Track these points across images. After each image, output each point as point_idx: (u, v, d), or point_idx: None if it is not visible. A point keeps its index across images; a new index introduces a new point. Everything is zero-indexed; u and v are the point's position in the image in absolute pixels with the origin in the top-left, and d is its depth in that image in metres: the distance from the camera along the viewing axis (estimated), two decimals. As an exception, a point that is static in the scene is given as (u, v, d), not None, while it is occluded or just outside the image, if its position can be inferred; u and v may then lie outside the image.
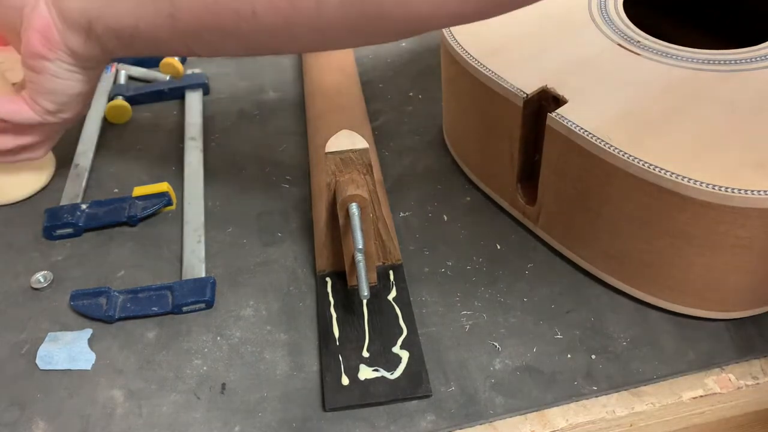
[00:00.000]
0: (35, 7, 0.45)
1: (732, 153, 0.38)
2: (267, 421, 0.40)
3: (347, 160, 0.41)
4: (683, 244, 0.39)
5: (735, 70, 0.43)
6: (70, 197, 0.55)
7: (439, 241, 0.50)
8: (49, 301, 0.48)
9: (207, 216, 0.53)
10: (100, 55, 0.46)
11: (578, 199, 0.44)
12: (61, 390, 0.43)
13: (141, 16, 0.42)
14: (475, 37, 0.48)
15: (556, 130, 0.42)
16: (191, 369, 0.43)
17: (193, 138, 0.60)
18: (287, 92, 0.66)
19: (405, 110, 0.62)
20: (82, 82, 0.48)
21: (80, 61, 0.46)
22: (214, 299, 0.47)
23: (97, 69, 0.49)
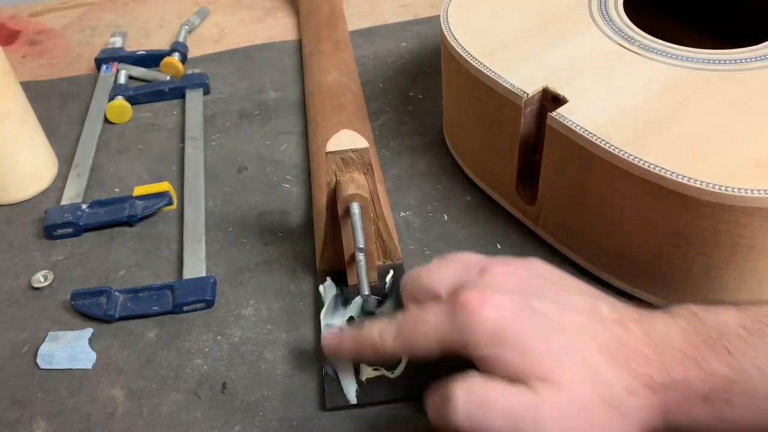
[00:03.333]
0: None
1: (732, 152, 0.38)
2: (267, 421, 0.40)
3: (348, 160, 0.41)
4: (683, 243, 0.39)
5: (735, 70, 0.43)
6: (71, 197, 0.55)
7: (439, 240, 0.50)
8: (49, 300, 0.48)
9: (207, 216, 0.53)
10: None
11: (578, 199, 0.44)
12: (61, 389, 0.43)
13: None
14: (475, 36, 0.48)
15: (557, 130, 0.42)
16: (192, 368, 0.43)
17: (193, 137, 0.60)
18: (287, 92, 0.66)
19: (405, 110, 0.62)
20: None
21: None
22: (215, 299, 0.47)
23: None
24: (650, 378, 0.32)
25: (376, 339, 0.37)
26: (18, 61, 0.74)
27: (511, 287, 0.35)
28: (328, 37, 0.67)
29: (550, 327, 0.33)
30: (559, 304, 0.34)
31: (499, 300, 0.34)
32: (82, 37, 0.77)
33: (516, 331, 0.33)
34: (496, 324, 0.33)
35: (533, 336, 0.33)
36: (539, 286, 0.36)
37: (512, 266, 0.37)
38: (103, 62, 0.70)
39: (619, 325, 0.33)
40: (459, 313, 0.34)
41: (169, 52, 0.70)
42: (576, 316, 0.34)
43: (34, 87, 0.68)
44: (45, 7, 0.83)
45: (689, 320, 0.33)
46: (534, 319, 0.34)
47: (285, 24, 0.76)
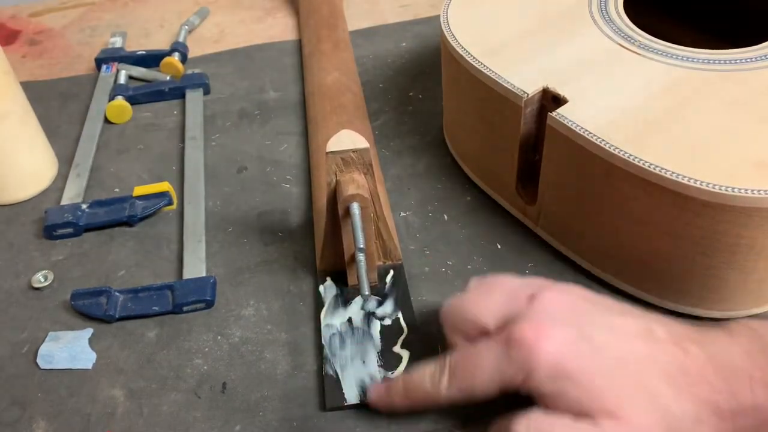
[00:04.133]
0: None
1: (732, 153, 0.38)
2: (267, 421, 0.40)
3: (348, 160, 0.41)
4: (683, 243, 0.39)
5: (735, 70, 0.43)
6: (71, 197, 0.55)
7: (439, 240, 0.50)
8: (49, 300, 0.48)
9: (207, 216, 0.53)
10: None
11: (578, 199, 0.44)
12: (61, 389, 0.43)
13: None
14: (475, 36, 0.48)
15: (557, 130, 0.42)
16: (192, 368, 0.43)
17: (193, 137, 0.60)
18: (287, 92, 0.66)
19: (405, 110, 0.62)
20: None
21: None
22: (215, 299, 0.47)
23: None
24: (717, 405, 0.31)
25: (428, 387, 0.36)
26: (18, 61, 0.74)
27: (563, 316, 0.34)
28: (328, 37, 0.67)
29: (609, 358, 0.32)
30: (616, 332, 0.33)
31: (556, 332, 0.33)
32: (82, 37, 0.77)
33: (576, 365, 0.32)
34: (555, 359, 0.32)
35: (594, 369, 0.32)
36: (589, 311, 0.35)
37: (560, 292, 0.36)
38: (103, 62, 0.70)
39: (679, 348, 0.33)
40: (515, 348, 0.33)
41: (169, 52, 0.70)
42: (634, 343, 0.33)
43: (34, 87, 0.68)
44: (45, 7, 0.83)
45: (750, 338, 0.32)
46: (592, 351, 0.33)
47: (285, 24, 0.76)
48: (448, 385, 0.35)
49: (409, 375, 0.37)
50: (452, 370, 0.35)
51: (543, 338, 0.33)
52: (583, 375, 0.32)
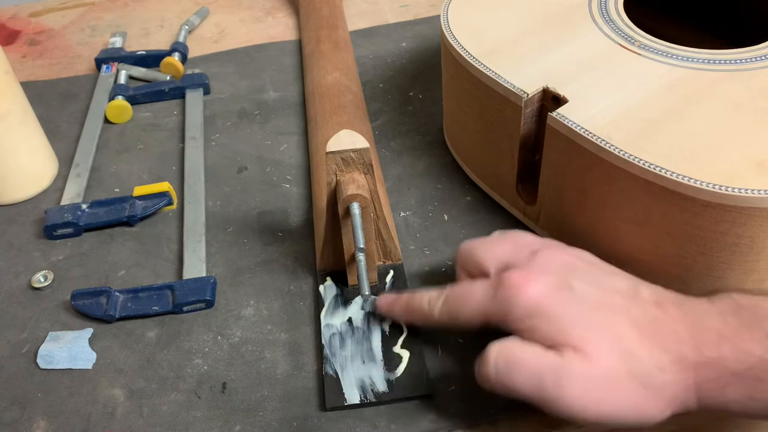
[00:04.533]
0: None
1: (732, 153, 0.38)
2: (267, 421, 0.40)
3: (348, 160, 0.41)
4: (683, 243, 0.39)
5: (735, 70, 0.43)
6: (71, 197, 0.55)
7: (439, 240, 0.50)
8: (49, 300, 0.48)
9: (207, 216, 0.53)
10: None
11: (578, 199, 0.44)
12: (61, 389, 0.43)
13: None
14: (475, 36, 0.48)
15: (557, 130, 0.42)
16: (192, 368, 0.43)
17: (193, 137, 0.60)
18: (287, 92, 0.66)
19: (405, 110, 0.62)
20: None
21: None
22: (215, 299, 0.47)
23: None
24: (682, 355, 0.33)
25: (425, 306, 0.40)
26: (18, 61, 0.74)
27: (555, 269, 0.37)
28: (328, 37, 0.67)
29: (585, 303, 0.35)
30: (600, 287, 0.36)
31: (541, 279, 0.36)
32: (82, 37, 0.77)
33: (552, 306, 0.35)
34: (534, 300, 0.35)
35: (567, 309, 0.35)
36: (585, 271, 0.38)
37: (563, 251, 0.39)
38: (103, 62, 0.70)
39: (657, 306, 0.35)
40: (501, 289, 0.36)
41: (169, 52, 0.70)
42: (614, 297, 0.36)
43: (34, 87, 0.68)
44: (45, 7, 0.83)
45: (728, 304, 0.34)
46: (571, 297, 0.36)
47: (285, 24, 0.76)
48: (440, 308, 0.39)
49: (412, 294, 0.41)
50: (447, 297, 0.39)
51: (528, 284, 0.36)
52: (555, 313, 0.35)
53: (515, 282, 0.36)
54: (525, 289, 0.36)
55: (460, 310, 0.38)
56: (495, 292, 0.37)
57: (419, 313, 0.41)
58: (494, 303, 0.37)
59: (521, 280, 0.36)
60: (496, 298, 0.36)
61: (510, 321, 0.36)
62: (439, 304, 0.39)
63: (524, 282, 0.36)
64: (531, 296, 0.35)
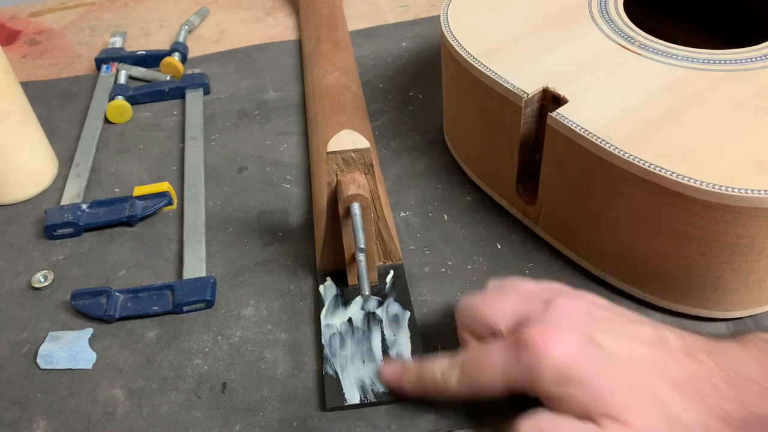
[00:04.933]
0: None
1: (732, 153, 0.38)
2: (267, 421, 0.40)
3: (348, 160, 0.41)
4: (683, 243, 0.39)
5: (735, 69, 0.43)
6: (71, 197, 0.55)
7: (439, 240, 0.50)
8: (49, 300, 0.48)
9: (207, 216, 0.53)
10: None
11: (578, 199, 0.44)
12: (61, 389, 0.43)
13: None
14: (475, 36, 0.48)
15: (557, 130, 0.42)
16: (192, 368, 0.43)
17: (193, 137, 0.60)
18: (287, 92, 0.66)
19: (405, 110, 0.62)
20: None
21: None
22: (215, 299, 0.47)
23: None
24: (726, 413, 0.31)
25: (438, 379, 0.37)
26: (18, 61, 0.74)
27: (575, 322, 0.34)
28: (328, 37, 0.67)
29: (617, 363, 0.33)
30: (626, 338, 0.33)
31: (565, 337, 0.33)
32: (82, 37, 0.77)
33: (583, 369, 0.32)
34: (562, 362, 0.32)
35: (601, 373, 0.32)
36: (604, 318, 0.35)
37: (576, 299, 0.36)
38: (103, 62, 0.70)
39: (689, 357, 0.32)
40: (524, 351, 0.33)
41: (169, 52, 0.70)
42: (644, 349, 0.33)
43: (34, 87, 0.68)
44: (45, 7, 0.83)
45: (763, 350, 0.32)
46: (601, 356, 0.33)
47: (285, 24, 0.76)
48: (458, 380, 0.36)
49: (422, 364, 0.38)
50: (463, 366, 0.36)
51: (552, 342, 0.33)
52: (588, 379, 0.32)
53: (537, 341, 0.33)
54: (550, 349, 0.33)
55: (481, 378, 0.35)
56: (517, 355, 0.33)
57: (432, 386, 0.37)
58: (519, 368, 0.33)
59: (543, 338, 0.33)
60: (520, 362, 0.33)
61: (538, 387, 0.33)
62: (455, 376, 0.36)
63: (546, 340, 0.33)
64: (558, 357, 0.32)
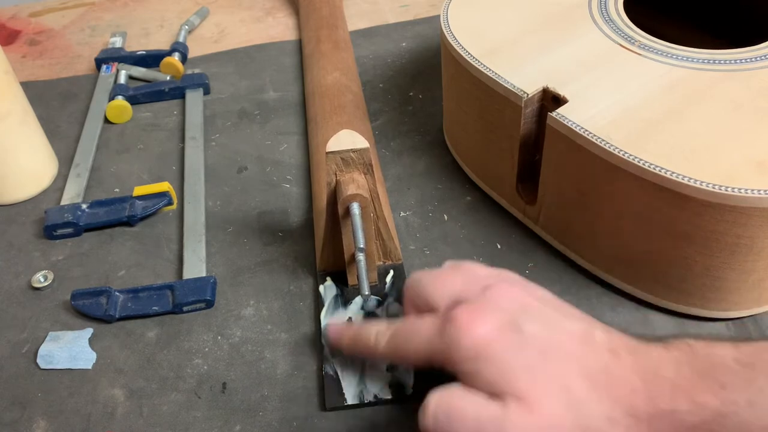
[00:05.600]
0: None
1: (732, 153, 0.38)
2: (267, 420, 0.40)
3: (348, 160, 0.41)
4: (683, 243, 0.39)
5: (735, 69, 0.43)
6: (71, 197, 0.55)
7: (439, 240, 0.50)
8: (49, 300, 0.48)
9: (207, 215, 0.53)
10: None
11: (578, 199, 0.44)
12: (61, 389, 0.43)
13: None
14: (475, 36, 0.48)
15: (557, 130, 0.42)
16: (192, 368, 0.43)
17: (193, 137, 0.60)
18: (287, 92, 0.66)
19: (405, 110, 0.62)
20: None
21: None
22: (215, 299, 0.47)
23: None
24: (634, 407, 0.31)
25: (371, 340, 0.38)
26: (18, 61, 0.74)
27: (505, 307, 0.34)
28: (328, 37, 0.67)
29: (534, 349, 0.33)
30: (551, 328, 0.34)
31: (488, 317, 0.34)
32: (82, 37, 0.77)
33: (498, 349, 0.33)
34: (480, 340, 0.33)
35: (514, 354, 0.33)
36: (538, 310, 0.35)
37: (517, 287, 0.36)
38: (103, 62, 0.70)
39: (611, 353, 0.33)
40: (448, 326, 0.34)
41: (169, 52, 0.70)
42: (566, 340, 0.33)
43: (34, 87, 0.68)
44: (45, 7, 0.83)
45: (684, 352, 0.32)
46: (519, 339, 0.33)
47: (285, 24, 0.76)
48: (386, 343, 0.37)
49: (360, 327, 0.39)
50: (394, 331, 0.37)
51: (475, 322, 0.33)
52: (501, 358, 0.33)
53: (462, 319, 0.34)
54: (472, 328, 0.33)
55: (406, 346, 0.36)
56: (441, 329, 0.34)
57: (365, 346, 0.38)
58: (440, 341, 0.34)
59: (469, 317, 0.34)
60: (442, 336, 0.34)
61: (454, 362, 0.34)
62: (385, 340, 0.37)
63: (472, 319, 0.33)
64: (477, 336, 0.33)
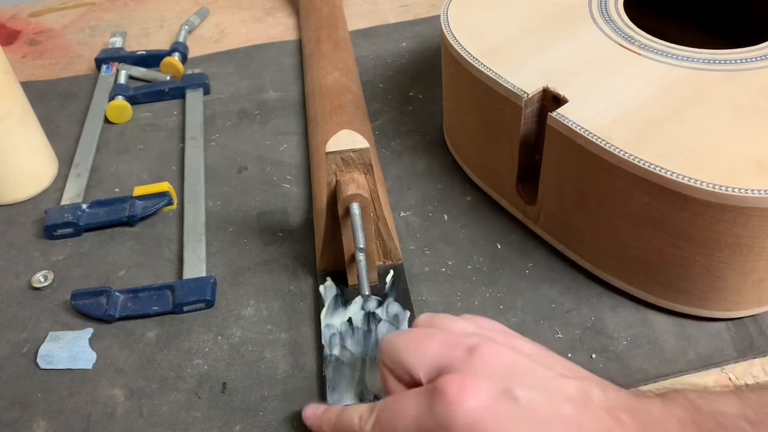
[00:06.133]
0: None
1: (732, 153, 0.38)
2: (267, 420, 0.40)
3: (348, 160, 0.41)
4: (683, 243, 0.39)
5: (735, 70, 0.43)
6: (71, 197, 0.55)
7: (439, 240, 0.50)
8: (49, 300, 0.48)
9: (207, 215, 0.53)
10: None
11: (578, 199, 0.44)
12: (61, 389, 0.43)
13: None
14: (475, 36, 0.48)
15: (557, 130, 0.42)
16: (192, 368, 0.43)
17: (193, 137, 0.60)
18: (287, 92, 0.66)
19: (405, 110, 0.62)
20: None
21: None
22: (215, 299, 0.47)
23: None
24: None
25: (355, 425, 0.35)
26: (18, 61, 0.74)
27: (496, 372, 0.32)
28: (328, 37, 0.67)
29: (532, 418, 0.31)
30: (546, 393, 0.32)
31: (480, 388, 0.31)
32: (82, 37, 0.77)
33: (493, 422, 0.31)
34: (473, 414, 0.31)
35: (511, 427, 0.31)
36: (527, 371, 0.33)
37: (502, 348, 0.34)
38: (103, 62, 0.70)
39: (610, 415, 0.31)
40: (437, 400, 0.31)
41: (169, 52, 0.70)
42: (563, 405, 0.31)
43: (34, 87, 0.68)
44: (45, 7, 0.83)
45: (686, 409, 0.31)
46: (515, 409, 0.31)
47: (285, 24, 0.76)
48: (372, 428, 0.34)
49: (342, 410, 0.37)
50: (378, 414, 0.34)
51: (466, 392, 0.31)
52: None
53: (452, 391, 0.31)
54: (463, 400, 0.31)
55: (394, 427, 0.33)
56: (430, 405, 0.32)
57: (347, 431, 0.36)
58: (431, 419, 0.31)
59: (458, 388, 0.31)
60: (432, 413, 0.31)
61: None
62: (370, 424, 0.34)
63: (461, 390, 0.31)
64: (470, 410, 0.31)
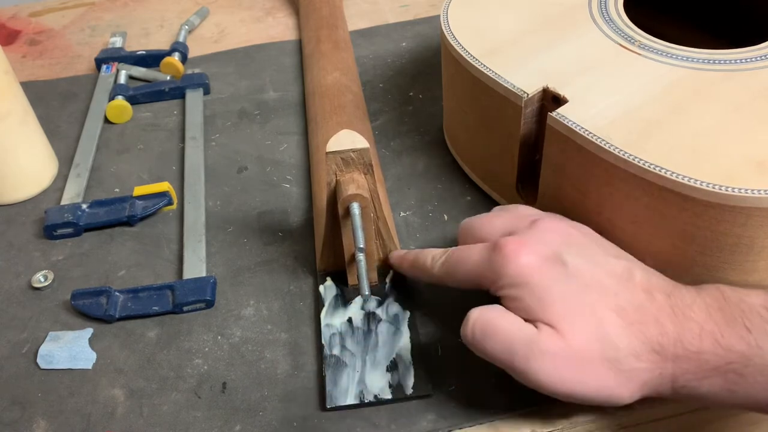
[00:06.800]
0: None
1: (732, 153, 0.38)
2: (268, 420, 0.40)
3: (348, 160, 0.41)
4: (683, 243, 0.39)
5: (735, 69, 0.43)
6: (71, 197, 0.55)
7: (439, 240, 0.50)
8: (49, 300, 0.48)
9: (207, 215, 0.53)
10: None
11: (578, 199, 0.44)
12: (61, 389, 0.43)
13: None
14: (475, 36, 0.48)
15: (557, 130, 0.42)
16: (192, 368, 0.43)
17: (193, 137, 0.60)
18: (287, 92, 0.66)
19: (405, 110, 0.62)
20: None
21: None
22: (215, 299, 0.47)
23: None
24: (661, 345, 0.33)
25: (428, 262, 0.41)
26: (18, 61, 0.74)
27: (552, 240, 0.37)
28: (328, 37, 0.67)
29: (574, 281, 0.35)
30: (593, 263, 0.36)
31: (533, 248, 0.36)
32: (82, 37, 0.77)
33: (539, 278, 0.35)
34: (523, 269, 0.36)
35: (553, 284, 0.35)
36: (583, 246, 0.38)
37: (562, 222, 0.39)
38: (103, 62, 0.70)
39: (646, 292, 0.35)
40: (496, 253, 0.37)
41: (169, 52, 0.70)
42: (605, 276, 0.36)
43: (34, 87, 0.68)
44: (45, 7, 0.83)
45: (715, 297, 0.34)
46: (561, 271, 0.36)
47: (285, 24, 0.76)
48: (441, 266, 0.41)
49: (419, 251, 0.43)
50: (449, 256, 0.40)
51: (521, 251, 0.36)
52: (541, 287, 0.35)
53: (509, 248, 0.36)
54: (517, 257, 0.36)
55: (457, 269, 0.39)
56: (490, 256, 0.37)
57: (422, 268, 0.42)
58: (488, 266, 0.37)
59: (515, 246, 0.36)
60: (490, 262, 0.37)
61: (498, 287, 0.37)
62: (439, 263, 0.40)
63: (518, 249, 0.36)
64: (522, 265, 0.36)
